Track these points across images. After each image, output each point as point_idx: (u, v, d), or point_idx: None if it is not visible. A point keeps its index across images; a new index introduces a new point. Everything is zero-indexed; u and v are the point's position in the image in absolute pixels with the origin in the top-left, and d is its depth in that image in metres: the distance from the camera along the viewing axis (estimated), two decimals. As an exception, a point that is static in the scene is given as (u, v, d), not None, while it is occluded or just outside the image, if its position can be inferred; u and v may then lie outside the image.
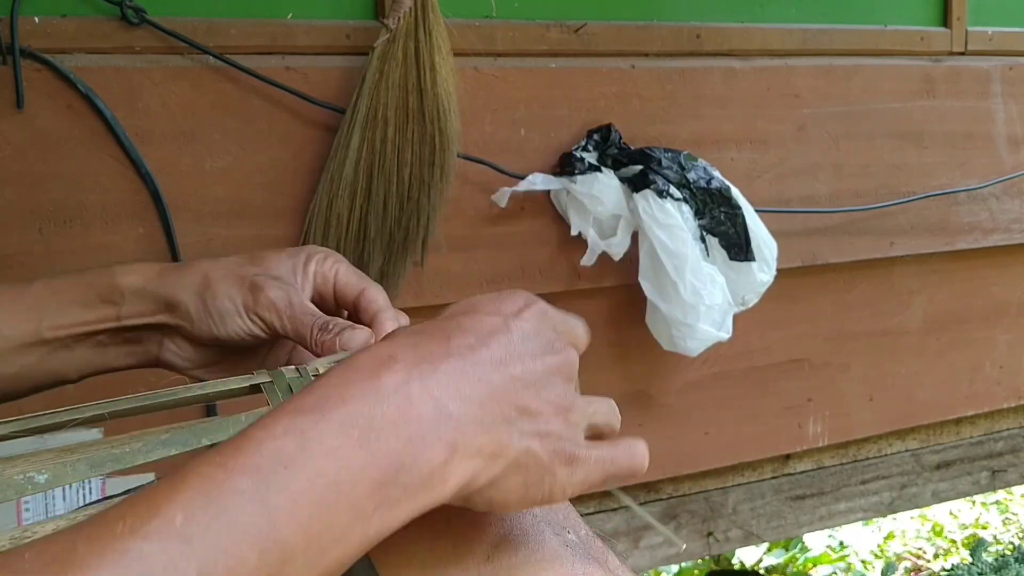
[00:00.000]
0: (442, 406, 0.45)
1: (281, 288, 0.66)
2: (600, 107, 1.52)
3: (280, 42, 1.34)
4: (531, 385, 0.48)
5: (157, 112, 1.27)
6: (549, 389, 0.49)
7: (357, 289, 0.70)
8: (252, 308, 0.66)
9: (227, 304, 0.66)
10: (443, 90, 1.34)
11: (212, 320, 0.67)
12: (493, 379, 0.47)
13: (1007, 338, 1.97)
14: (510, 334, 0.49)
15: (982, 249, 1.89)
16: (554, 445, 0.48)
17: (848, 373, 1.82)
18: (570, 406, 0.49)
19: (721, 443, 1.72)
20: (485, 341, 0.48)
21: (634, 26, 1.56)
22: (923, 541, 3.03)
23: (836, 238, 1.72)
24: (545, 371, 0.49)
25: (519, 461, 0.47)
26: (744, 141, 1.63)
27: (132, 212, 1.27)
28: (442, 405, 0.45)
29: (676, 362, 1.60)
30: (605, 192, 1.44)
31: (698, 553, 1.80)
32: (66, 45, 1.23)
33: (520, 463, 0.47)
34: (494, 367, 0.47)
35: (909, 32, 1.79)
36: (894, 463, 1.96)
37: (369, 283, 0.70)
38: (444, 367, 0.46)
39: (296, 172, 1.35)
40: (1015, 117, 1.87)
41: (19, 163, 1.20)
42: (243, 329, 0.67)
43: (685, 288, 1.41)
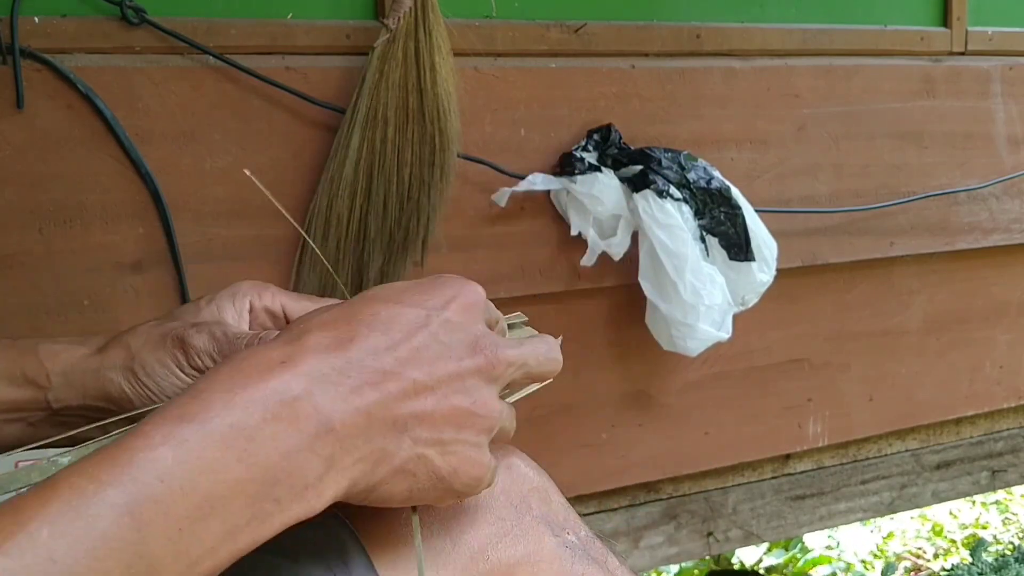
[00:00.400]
0: (325, 419, 0.44)
1: (201, 331, 0.63)
2: (600, 107, 1.52)
3: (280, 42, 1.34)
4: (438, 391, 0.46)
5: (157, 112, 1.27)
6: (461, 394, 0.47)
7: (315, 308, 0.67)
8: (185, 364, 0.62)
9: (159, 370, 0.63)
10: (443, 90, 1.34)
11: (150, 391, 0.63)
12: (390, 387, 0.45)
13: (1007, 338, 1.97)
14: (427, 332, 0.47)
15: (982, 249, 1.89)
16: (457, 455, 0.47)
17: (848, 373, 1.82)
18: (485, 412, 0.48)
19: (721, 443, 1.72)
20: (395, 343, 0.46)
21: (634, 26, 1.56)
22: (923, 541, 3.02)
23: (836, 238, 1.72)
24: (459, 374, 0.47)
25: (405, 468, 0.46)
26: (744, 141, 1.63)
27: (132, 212, 1.27)
28: (325, 418, 0.44)
29: (676, 362, 1.60)
30: (605, 192, 1.44)
31: (698, 553, 1.80)
32: (66, 45, 1.23)
33: (406, 470, 0.46)
34: (397, 373, 0.46)
35: (909, 32, 1.79)
36: (894, 463, 1.96)
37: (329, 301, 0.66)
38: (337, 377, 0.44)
39: (296, 172, 1.35)
40: (1015, 117, 1.87)
41: (19, 163, 1.20)
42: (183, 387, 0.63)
43: (685, 288, 1.41)
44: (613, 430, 1.62)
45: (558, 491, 0.59)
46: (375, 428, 0.45)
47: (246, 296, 0.67)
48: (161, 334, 0.63)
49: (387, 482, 0.46)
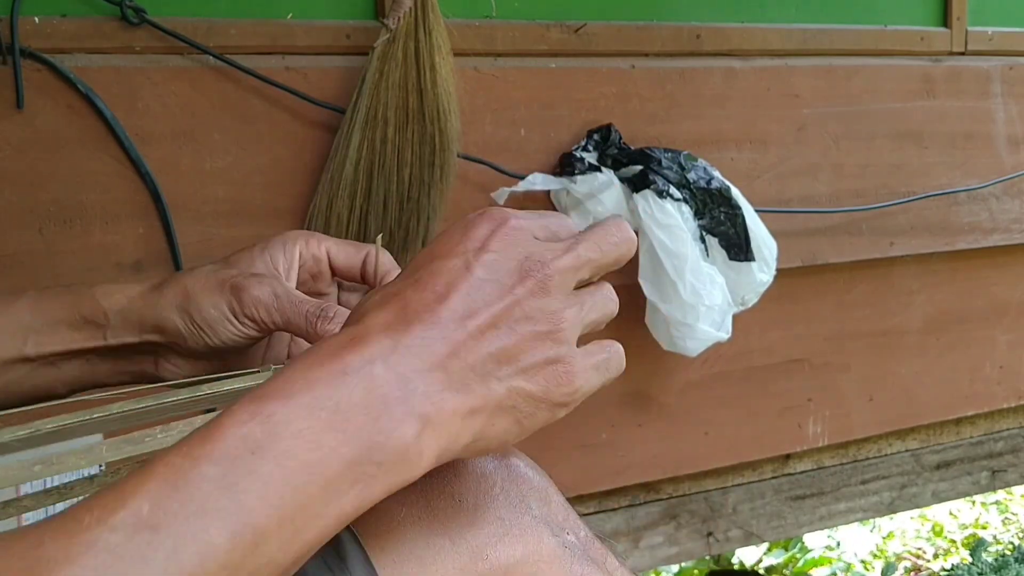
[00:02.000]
0: (406, 381, 0.45)
1: (263, 283, 0.64)
2: (600, 107, 1.52)
3: (280, 42, 1.34)
4: (503, 326, 0.47)
5: (157, 112, 1.27)
6: (526, 319, 0.47)
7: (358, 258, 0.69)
8: (239, 311, 0.64)
9: (213, 313, 0.65)
10: (443, 90, 1.34)
11: (202, 332, 0.65)
12: (456, 337, 0.46)
13: (1007, 338, 1.97)
14: (471, 277, 0.47)
15: (982, 249, 1.88)
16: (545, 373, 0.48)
17: (848, 373, 1.82)
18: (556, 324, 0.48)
19: (721, 443, 1.72)
20: (444, 296, 0.47)
21: (634, 26, 1.56)
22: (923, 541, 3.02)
23: (836, 238, 1.72)
24: (516, 303, 0.47)
25: (503, 404, 0.47)
26: (744, 141, 1.63)
27: (132, 212, 1.27)
28: (406, 380, 0.45)
29: (676, 362, 1.60)
30: (605, 192, 1.44)
31: (698, 553, 1.80)
32: (66, 45, 1.23)
33: (505, 405, 0.47)
34: (456, 324, 0.46)
35: (909, 32, 1.79)
36: (894, 463, 1.96)
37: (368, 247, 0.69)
38: (405, 340, 0.45)
39: (296, 172, 1.35)
40: (1015, 117, 1.87)
41: (19, 163, 1.20)
42: (235, 333, 0.65)
43: (685, 288, 1.41)
44: (613, 430, 1.62)
45: (558, 491, 0.59)
46: (457, 380, 0.46)
47: (295, 245, 0.68)
48: (219, 280, 0.65)
49: (492, 425, 0.47)
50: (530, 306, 0.48)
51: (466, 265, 0.48)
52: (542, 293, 0.48)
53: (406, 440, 0.44)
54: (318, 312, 0.63)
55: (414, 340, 0.45)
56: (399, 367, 0.45)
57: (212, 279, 0.66)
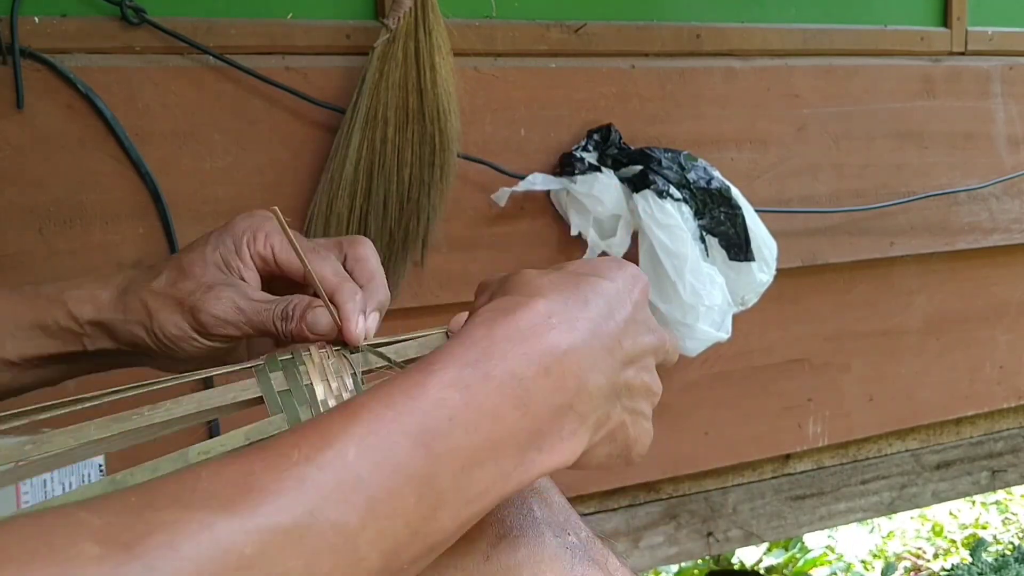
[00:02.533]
0: (584, 381, 0.47)
1: (222, 298, 0.62)
2: (600, 107, 1.52)
3: (280, 42, 1.34)
4: (637, 363, 0.50)
5: (157, 112, 1.27)
6: (646, 369, 0.51)
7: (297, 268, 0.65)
8: (203, 331, 0.62)
9: (176, 332, 0.63)
10: (443, 90, 1.34)
11: (171, 348, 0.64)
12: (617, 354, 0.49)
13: (1007, 338, 1.97)
14: (631, 306, 0.50)
15: (982, 249, 1.88)
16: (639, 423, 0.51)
17: (848, 373, 1.82)
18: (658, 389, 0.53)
19: (721, 443, 1.72)
20: (612, 312, 0.49)
21: (634, 26, 1.56)
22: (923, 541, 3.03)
23: (836, 238, 1.72)
24: (648, 350, 0.51)
25: (612, 432, 0.50)
26: (744, 141, 1.63)
27: (132, 212, 1.27)
28: (584, 379, 0.47)
29: (676, 362, 1.60)
30: (605, 192, 1.44)
31: (698, 553, 1.80)
32: (66, 45, 1.23)
33: (613, 434, 0.50)
34: (618, 341, 0.49)
35: (909, 32, 1.79)
36: (894, 463, 1.96)
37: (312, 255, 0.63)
38: (589, 339, 0.47)
39: (296, 172, 1.35)
40: (1015, 117, 1.87)
41: (19, 163, 1.20)
42: (204, 348, 0.64)
43: (685, 288, 1.41)
44: (613, 430, 1.62)
45: (559, 492, 0.59)
46: (605, 391, 0.48)
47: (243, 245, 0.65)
48: (176, 299, 0.63)
49: (599, 444, 0.49)
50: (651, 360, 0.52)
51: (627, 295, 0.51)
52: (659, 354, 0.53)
53: (566, 435, 0.46)
54: (281, 315, 0.61)
55: (593, 341, 0.47)
56: (583, 362, 0.47)
57: (169, 297, 0.63)
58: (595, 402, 0.47)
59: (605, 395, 0.48)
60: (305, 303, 0.60)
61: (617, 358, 0.49)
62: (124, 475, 0.53)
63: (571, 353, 0.46)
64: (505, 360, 0.45)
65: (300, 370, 0.56)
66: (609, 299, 0.49)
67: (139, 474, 0.53)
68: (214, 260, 0.65)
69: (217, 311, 0.62)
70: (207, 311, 0.62)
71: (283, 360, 0.57)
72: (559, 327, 0.47)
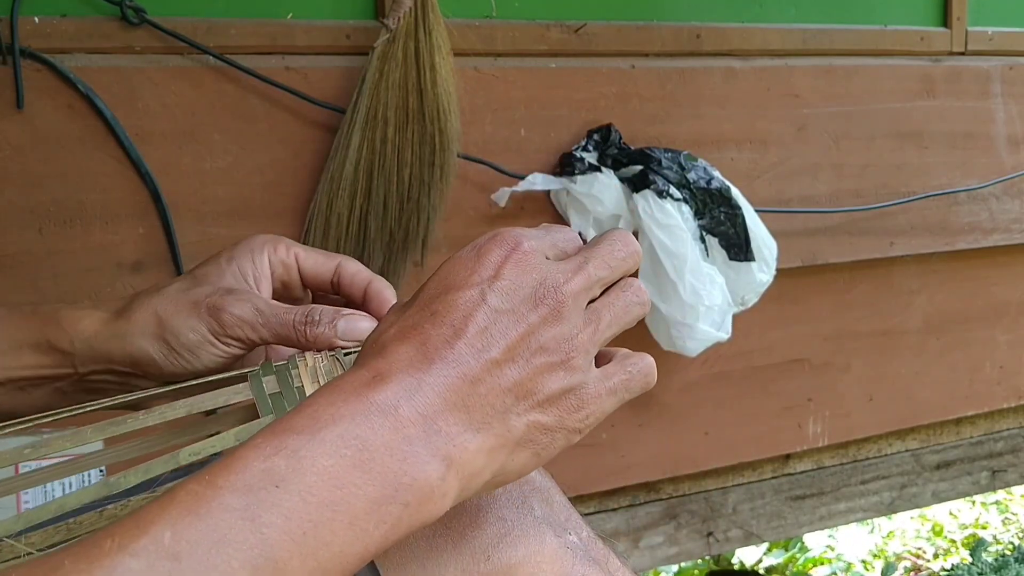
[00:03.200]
0: (431, 423, 0.45)
1: (242, 299, 0.61)
2: (600, 107, 1.52)
3: (280, 42, 1.34)
4: (519, 359, 0.47)
5: (157, 112, 1.27)
6: (540, 351, 0.47)
7: (330, 268, 0.66)
8: (221, 332, 0.61)
9: (192, 337, 0.61)
10: (443, 90, 1.34)
11: (182, 358, 0.61)
12: (476, 374, 0.46)
13: (1007, 338, 1.97)
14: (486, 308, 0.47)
15: (982, 249, 1.88)
16: (559, 404, 0.48)
17: (848, 373, 1.82)
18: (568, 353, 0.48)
19: (721, 443, 1.72)
20: (461, 330, 0.46)
21: (634, 26, 1.56)
22: (923, 541, 3.02)
23: (836, 238, 1.72)
24: (531, 332, 0.47)
25: (522, 439, 0.47)
26: (744, 141, 1.63)
27: (132, 212, 1.27)
28: (431, 422, 0.45)
29: (676, 362, 1.60)
30: (605, 192, 1.44)
31: (698, 553, 1.80)
32: (66, 45, 1.23)
33: (523, 440, 0.47)
34: (475, 360, 0.46)
35: (909, 32, 1.79)
36: (894, 463, 1.96)
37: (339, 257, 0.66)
38: (428, 379, 0.45)
39: (296, 172, 1.35)
40: (1015, 117, 1.87)
41: (19, 163, 1.20)
42: (218, 355, 0.62)
43: (685, 288, 1.41)
44: (613, 430, 1.62)
45: (559, 491, 0.59)
46: (479, 418, 0.46)
47: (263, 253, 0.65)
48: (192, 301, 0.61)
49: (512, 459, 0.47)
50: (545, 336, 0.48)
51: (482, 296, 0.47)
52: (556, 320, 0.48)
53: (431, 482, 0.44)
54: (304, 319, 0.60)
55: (436, 379, 0.45)
56: (423, 407, 0.45)
57: (184, 301, 0.62)
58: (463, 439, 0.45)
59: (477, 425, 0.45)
60: (332, 311, 0.60)
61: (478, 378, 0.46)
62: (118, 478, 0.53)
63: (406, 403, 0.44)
64: (334, 422, 0.43)
65: (292, 373, 0.56)
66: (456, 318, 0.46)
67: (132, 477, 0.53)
68: (230, 270, 0.64)
69: (239, 310, 0.60)
70: (228, 310, 0.61)
71: (277, 365, 0.57)
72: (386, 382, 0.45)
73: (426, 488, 0.44)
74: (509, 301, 0.47)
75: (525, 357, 0.47)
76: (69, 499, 0.53)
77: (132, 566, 0.38)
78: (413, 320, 0.48)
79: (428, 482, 0.44)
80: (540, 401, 0.47)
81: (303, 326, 0.60)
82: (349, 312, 0.61)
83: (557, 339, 0.48)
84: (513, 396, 0.47)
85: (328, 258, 0.66)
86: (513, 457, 0.47)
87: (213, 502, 0.40)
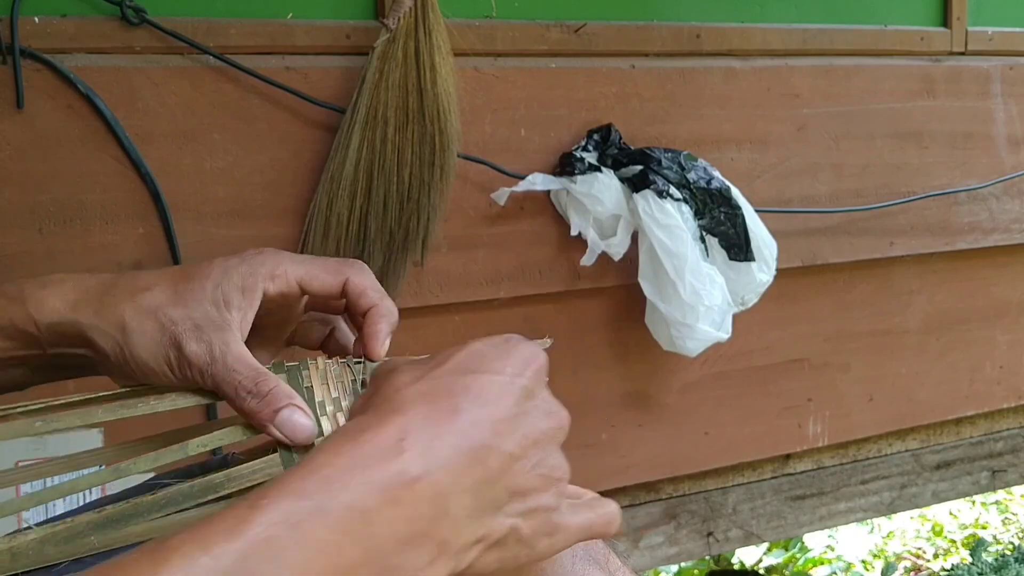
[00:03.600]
0: (441, 503, 0.44)
1: (203, 340, 0.58)
2: (600, 107, 1.52)
3: (280, 42, 1.34)
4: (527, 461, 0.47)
5: (157, 112, 1.27)
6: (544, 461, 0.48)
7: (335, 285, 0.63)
8: (175, 365, 0.58)
9: (146, 358, 0.59)
10: (443, 90, 1.34)
11: (133, 372, 0.59)
12: (492, 463, 0.46)
13: (1007, 338, 1.97)
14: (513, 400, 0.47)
15: (982, 249, 1.88)
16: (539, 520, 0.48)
17: (848, 373, 1.82)
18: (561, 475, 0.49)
19: (721, 443, 1.72)
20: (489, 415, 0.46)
21: (634, 26, 1.56)
22: (923, 541, 3.02)
23: (836, 238, 1.72)
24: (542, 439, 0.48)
25: (499, 541, 0.47)
26: (744, 141, 1.63)
27: (132, 212, 1.27)
28: (442, 502, 0.44)
29: (676, 362, 1.60)
30: (605, 192, 1.44)
31: (698, 553, 1.80)
32: (66, 45, 1.23)
33: (500, 542, 0.47)
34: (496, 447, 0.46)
35: (909, 32, 1.79)
36: (894, 463, 1.96)
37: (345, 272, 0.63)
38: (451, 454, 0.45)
39: (296, 172, 1.35)
40: (1015, 117, 1.87)
41: (19, 163, 1.20)
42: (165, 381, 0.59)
43: (685, 288, 1.41)
44: (613, 430, 1.62)
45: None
46: (480, 507, 0.45)
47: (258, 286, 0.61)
48: (160, 325, 0.58)
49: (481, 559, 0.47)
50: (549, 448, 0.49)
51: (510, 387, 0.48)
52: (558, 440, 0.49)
53: (421, 564, 0.44)
54: (251, 386, 0.56)
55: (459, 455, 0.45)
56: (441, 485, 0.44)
57: (153, 322, 0.59)
58: (461, 525, 0.45)
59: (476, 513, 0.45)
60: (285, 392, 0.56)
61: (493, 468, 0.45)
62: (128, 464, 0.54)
63: (425, 478, 0.43)
64: (346, 491, 0.42)
65: (303, 374, 0.57)
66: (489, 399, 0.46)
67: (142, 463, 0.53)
68: (213, 297, 0.60)
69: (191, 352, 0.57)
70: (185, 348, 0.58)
71: (289, 365, 0.57)
72: (411, 450, 0.44)
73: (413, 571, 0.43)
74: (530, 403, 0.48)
75: (532, 461, 0.48)
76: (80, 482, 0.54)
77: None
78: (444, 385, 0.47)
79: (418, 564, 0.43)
80: (529, 509, 0.47)
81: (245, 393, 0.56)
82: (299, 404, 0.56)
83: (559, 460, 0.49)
84: (511, 495, 0.47)
85: (335, 275, 0.63)
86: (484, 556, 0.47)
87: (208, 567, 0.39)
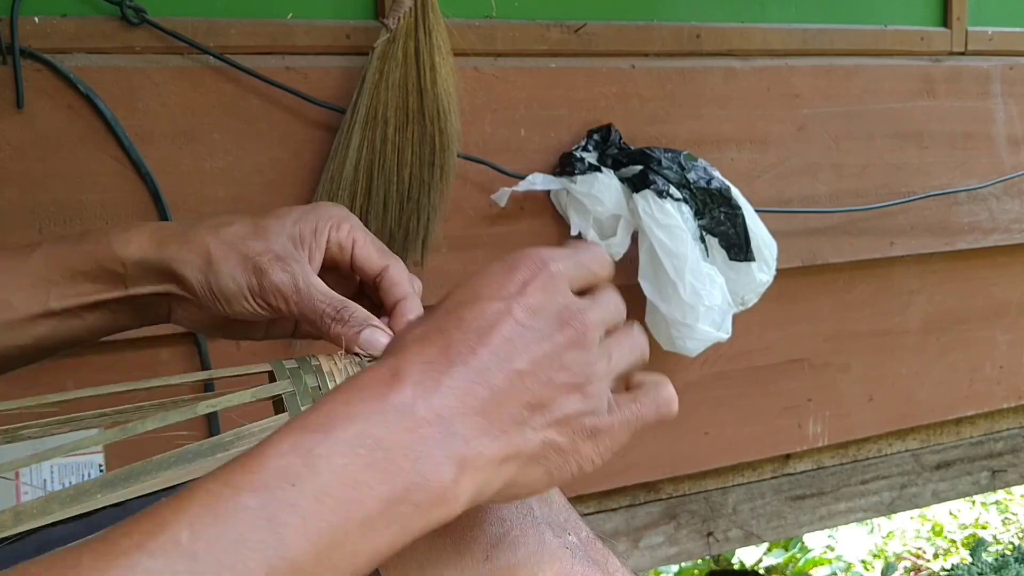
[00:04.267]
0: (448, 424, 0.44)
1: (287, 270, 0.63)
2: (600, 107, 1.52)
3: (280, 42, 1.34)
4: (540, 374, 0.47)
5: (157, 112, 1.27)
6: (562, 370, 0.47)
7: (378, 266, 0.67)
8: (257, 293, 0.63)
9: (231, 285, 0.64)
10: (443, 90, 1.34)
11: (216, 300, 0.64)
12: (497, 383, 0.46)
13: (1007, 338, 1.97)
14: (513, 321, 0.47)
15: (982, 249, 1.88)
16: (573, 426, 0.48)
17: (848, 373, 1.82)
18: (587, 378, 0.48)
19: (721, 443, 1.72)
20: (486, 338, 0.46)
21: (634, 26, 1.56)
22: (923, 541, 3.03)
23: (836, 238, 1.72)
24: (555, 351, 0.47)
25: (536, 455, 0.47)
26: (744, 141, 1.63)
27: (132, 212, 1.27)
28: (448, 423, 0.44)
29: (676, 362, 1.60)
30: (605, 192, 1.44)
31: (698, 553, 1.80)
32: (66, 45, 1.23)
33: (537, 456, 0.47)
34: (498, 368, 0.46)
35: (909, 32, 1.79)
36: (894, 463, 1.96)
37: (390, 259, 0.67)
38: (447, 381, 0.45)
39: (296, 172, 1.35)
40: (1015, 117, 1.87)
41: (19, 163, 1.20)
42: (248, 310, 0.64)
43: (685, 288, 1.41)
44: (613, 430, 1.61)
45: (559, 491, 0.59)
46: (496, 426, 0.46)
47: (326, 228, 0.66)
48: (243, 255, 0.64)
49: (524, 473, 0.47)
50: (567, 357, 0.48)
51: (508, 309, 0.47)
52: (578, 345, 0.48)
53: (444, 483, 0.44)
54: (334, 313, 0.62)
55: (456, 381, 0.45)
56: (440, 408, 0.45)
57: (236, 252, 0.64)
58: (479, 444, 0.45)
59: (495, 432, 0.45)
60: (364, 316, 0.61)
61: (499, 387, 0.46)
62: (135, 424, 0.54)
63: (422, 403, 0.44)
64: (350, 420, 0.43)
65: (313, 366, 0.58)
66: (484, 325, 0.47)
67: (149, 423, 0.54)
68: (291, 232, 0.65)
69: (278, 280, 0.63)
70: (270, 276, 0.63)
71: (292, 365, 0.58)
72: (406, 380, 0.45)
73: (438, 489, 0.44)
74: (535, 319, 0.48)
75: (547, 373, 0.47)
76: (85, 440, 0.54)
77: (150, 565, 0.38)
78: (437, 324, 0.48)
79: (441, 483, 0.44)
80: (557, 419, 0.47)
81: (330, 320, 0.62)
82: (378, 325, 0.62)
83: (579, 362, 0.48)
84: (531, 409, 0.47)
85: (381, 256, 0.67)
86: (525, 471, 0.47)
87: (230, 501, 0.40)
